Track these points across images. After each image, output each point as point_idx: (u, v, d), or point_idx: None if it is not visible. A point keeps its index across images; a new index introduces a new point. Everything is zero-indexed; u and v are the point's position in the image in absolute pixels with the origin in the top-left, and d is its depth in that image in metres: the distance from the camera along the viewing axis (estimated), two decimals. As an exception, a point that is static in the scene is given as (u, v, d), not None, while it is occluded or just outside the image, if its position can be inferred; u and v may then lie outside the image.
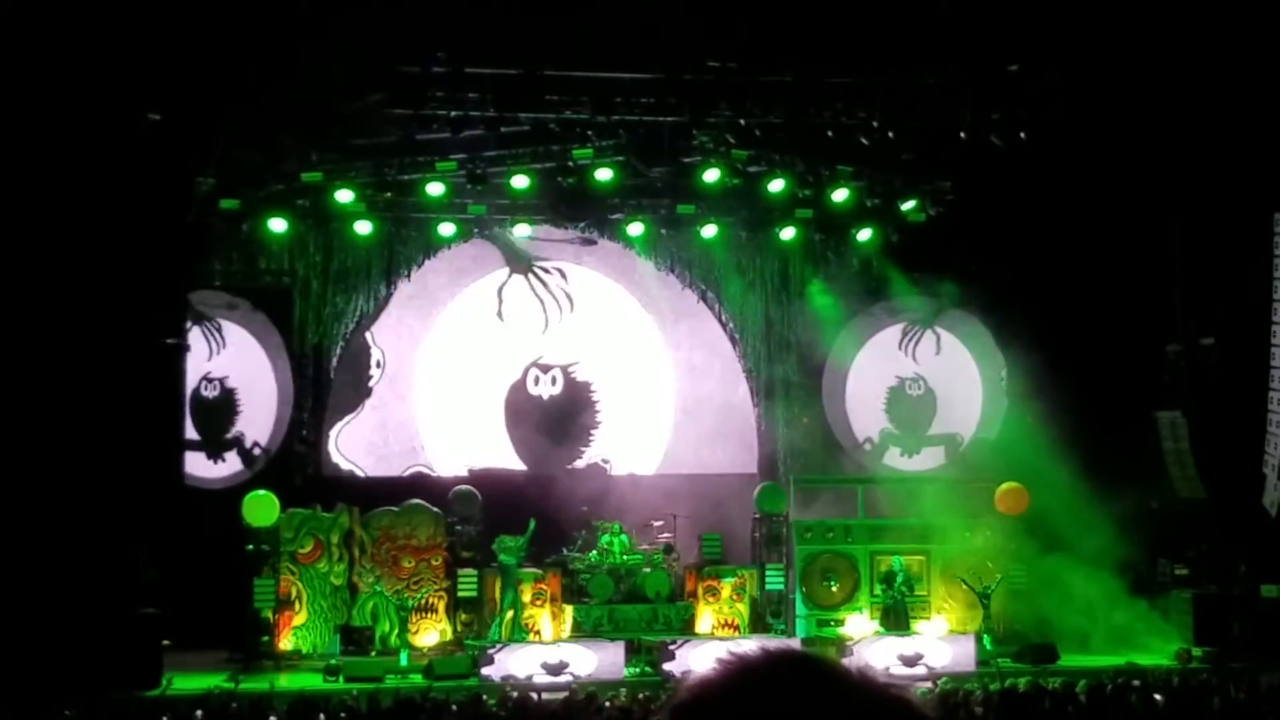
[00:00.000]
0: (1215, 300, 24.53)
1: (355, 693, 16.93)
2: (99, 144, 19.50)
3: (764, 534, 23.68)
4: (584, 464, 26.03)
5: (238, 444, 24.96)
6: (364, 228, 24.54)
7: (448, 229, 25.00)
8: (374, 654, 21.58)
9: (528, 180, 23.87)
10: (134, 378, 19.82)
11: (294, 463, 24.91)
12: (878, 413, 27.18)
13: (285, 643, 21.93)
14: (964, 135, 23.45)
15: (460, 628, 22.53)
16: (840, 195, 24.84)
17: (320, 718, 15.25)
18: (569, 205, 24.90)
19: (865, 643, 21.26)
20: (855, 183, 24.68)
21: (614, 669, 19.91)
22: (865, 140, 23.53)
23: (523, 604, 21.97)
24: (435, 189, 23.72)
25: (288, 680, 19.53)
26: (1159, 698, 15.36)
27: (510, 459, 25.88)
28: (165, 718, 15.51)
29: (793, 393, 26.67)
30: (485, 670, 19.70)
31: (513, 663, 19.85)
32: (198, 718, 15.07)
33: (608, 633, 21.63)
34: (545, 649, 20.45)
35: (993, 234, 25.21)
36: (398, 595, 22.24)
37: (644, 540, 23.21)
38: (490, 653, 20.03)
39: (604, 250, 26.18)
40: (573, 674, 19.54)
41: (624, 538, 22.88)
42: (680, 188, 25.01)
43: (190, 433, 23.86)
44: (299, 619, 22.22)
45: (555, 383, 26.20)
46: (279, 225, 23.96)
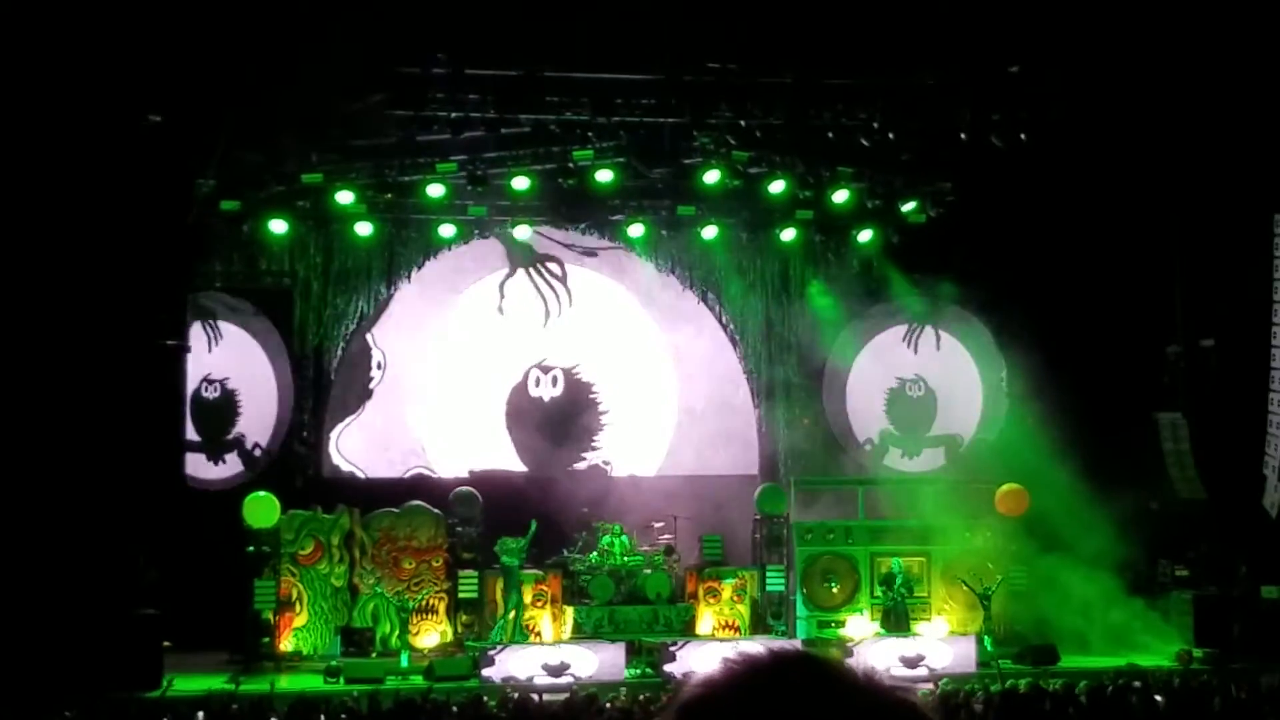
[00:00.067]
0: (1215, 301, 24.53)
1: (356, 694, 16.94)
2: (100, 145, 19.51)
3: (765, 535, 23.67)
4: (585, 465, 26.02)
5: (238, 445, 24.97)
6: (364, 229, 24.54)
7: (448, 230, 24.98)
8: (375, 655, 21.60)
9: (528, 181, 23.86)
10: (135, 379, 19.83)
11: (295, 464, 24.91)
12: (878, 414, 27.18)
13: (286, 644, 21.93)
14: (964, 136, 23.42)
15: (461, 629, 22.52)
16: (840, 196, 24.82)
17: (320, 719, 15.26)
18: (569, 207, 24.89)
19: (866, 644, 21.26)
20: (856, 184, 24.66)
21: (615, 670, 19.91)
22: (865, 141, 23.51)
23: (524, 605, 21.97)
24: (436, 190, 23.70)
25: (288, 681, 19.51)
26: (1160, 699, 15.37)
27: (511, 460, 25.87)
28: (165, 719, 15.51)
29: (793, 394, 26.66)
30: (486, 672, 19.70)
31: (513, 664, 19.85)
32: (198, 719, 15.08)
33: (608, 634, 21.62)
34: (546, 650, 20.45)
35: (993, 235, 25.20)
36: (398, 597, 22.23)
37: (645, 542, 23.19)
38: (491, 654, 20.03)
39: (605, 252, 26.18)
40: (573, 675, 19.53)
41: (625, 539, 22.87)
42: (681, 189, 24.99)
43: (191, 434, 23.90)
44: (299, 620, 22.21)
45: (556, 384, 26.19)
46: (279, 226, 23.94)
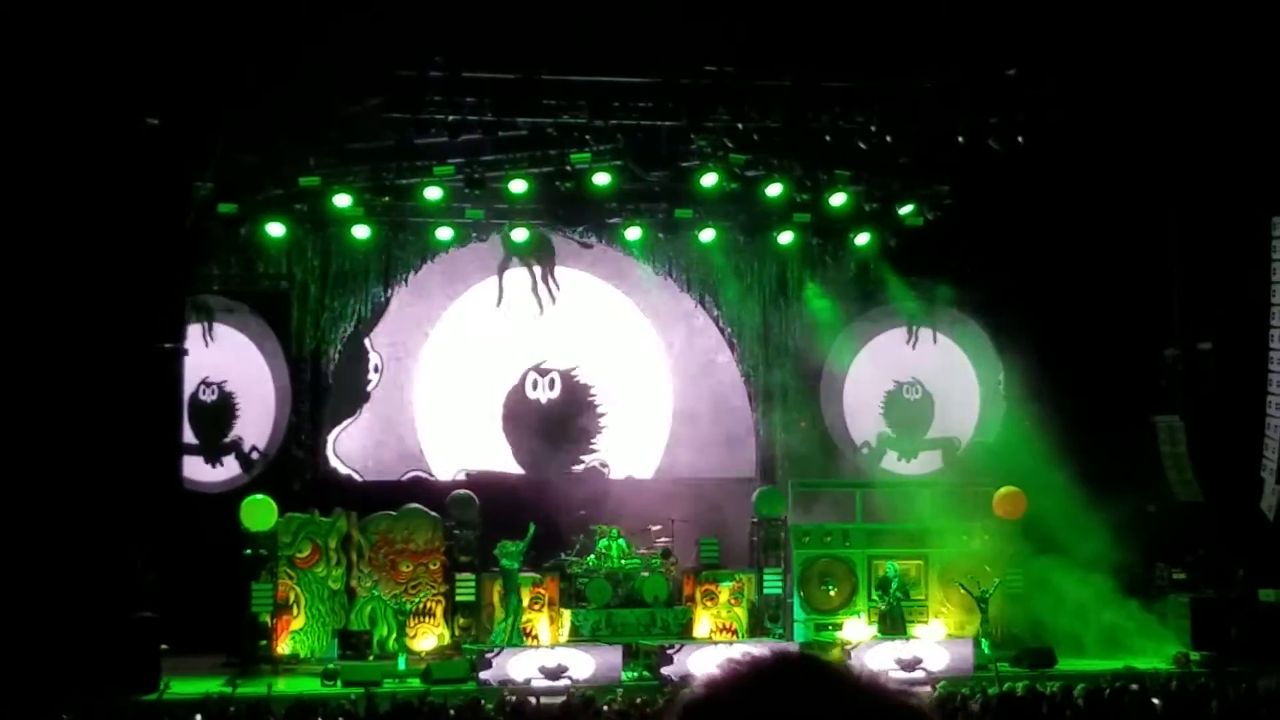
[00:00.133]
0: (1213, 304, 24.55)
1: (353, 697, 16.92)
2: (97, 148, 19.51)
3: (762, 538, 23.66)
4: (582, 468, 26.01)
5: (236, 448, 24.96)
6: (362, 232, 24.54)
7: (445, 233, 24.98)
8: (372, 658, 21.57)
9: (525, 185, 23.87)
10: (132, 382, 19.83)
11: (292, 467, 24.90)
12: (875, 417, 27.18)
13: (283, 647, 21.92)
14: (962, 139, 23.42)
15: (458, 632, 22.51)
16: (838, 199, 24.82)
17: (318, 722, 15.25)
18: (567, 210, 24.89)
19: (863, 647, 21.26)
20: (853, 187, 24.66)
21: (612, 673, 19.91)
22: (863, 144, 23.52)
23: (521, 608, 21.97)
24: (433, 193, 23.70)
25: (285, 684, 19.48)
26: (1157, 702, 15.37)
27: (508, 463, 25.86)
28: (163, 722, 15.51)
29: (790, 397, 26.64)
30: (483, 674, 19.70)
31: (510, 667, 19.85)
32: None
33: (606, 637, 21.63)
34: (543, 653, 20.45)
35: (991, 238, 25.21)
36: (395, 599, 22.22)
37: (642, 544, 23.19)
38: (488, 657, 20.03)
39: (602, 254, 26.17)
40: (570, 678, 19.54)
41: (622, 542, 22.87)
42: (678, 192, 24.99)
43: (188, 437, 23.89)
44: (297, 623, 22.20)
45: (553, 387, 26.19)
46: (277, 229, 23.94)
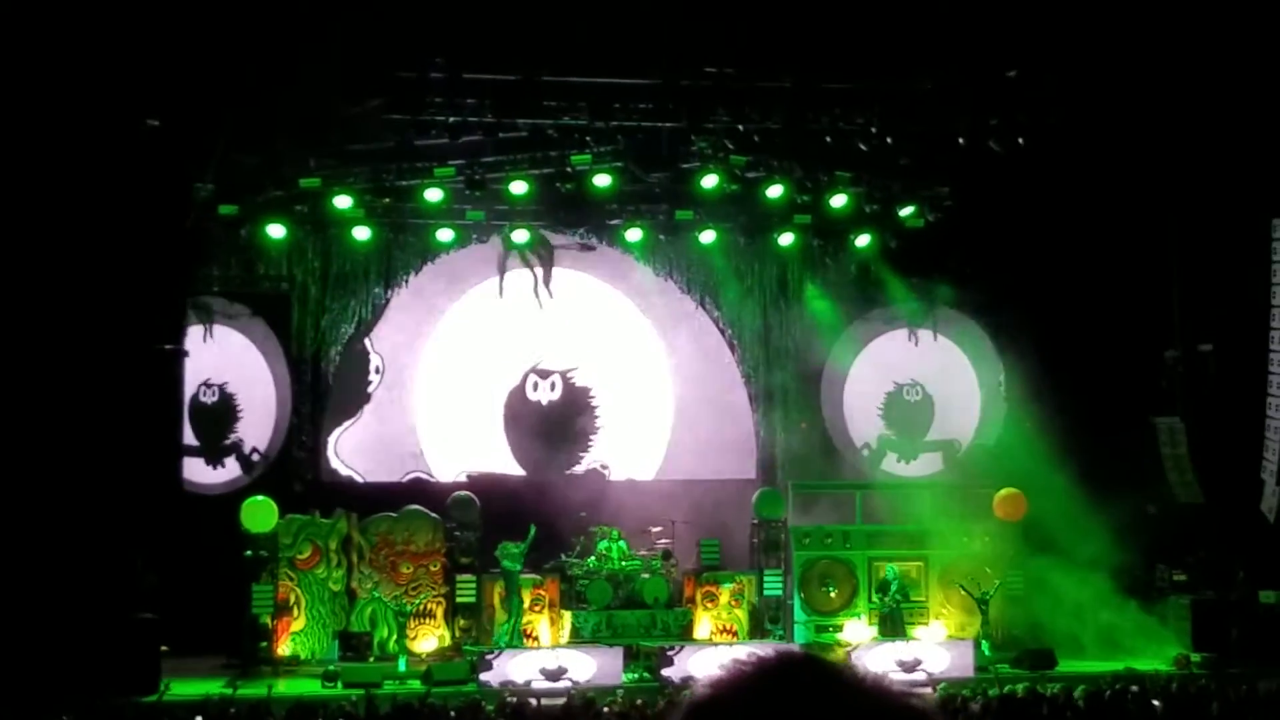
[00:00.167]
0: (1213, 306, 24.54)
1: (354, 698, 16.92)
2: (98, 150, 19.51)
3: (762, 540, 23.67)
4: (582, 469, 26.01)
5: (236, 450, 24.96)
6: (362, 233, 24.55)
7: (446, 235, 24.99)
8: (372, 660, 21.58)
9: (526, 186, 23.86)
10: (133, 383, 19.83)
11: (293, 468, 24.91)
12: (875, 418, 27.18)
13: (283, 648, 21.93)
14: (962, 141, 23.43)
15: (459, 633, 22.51)
16: (838, 201, 24.82)
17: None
18: (567, 211, 24.89)
19: (864, 648, 21.25)
20: (853, 188, 24.66)
21: (612, 674, 19.91)
22: (863, 146, 23.52)
23: (522, 610, 21.96)
24: (433, 195, 23.70)
25: (286, 686, 19.49)
26: (1157, 703, 15.38)
27: (509, 464, 25.86)
28: (164, 723, 15.51)
29: (791, 398, 26.65)
30: (484, 676, 19.70)
31: (511, 668, 19.85)
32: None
33: (606, 638, 21.63)
34: (544, 655, 20.45)
35: (991, 239, 25.21)
36: (396, 601, 22.22)
37: (642, 546, 23.20)
38: (489, 658, 20.03)
39: (602, 256, 26.17)
40: (571, 679, 19.54)
41: (622, 543, 22.88)
42: (678, 193, 24.98)
43: (189, 438, 23.89)
44: (297, 625, 22.20)
45: (554, 388, 26.19)
46: (277, 231, 23.94)
